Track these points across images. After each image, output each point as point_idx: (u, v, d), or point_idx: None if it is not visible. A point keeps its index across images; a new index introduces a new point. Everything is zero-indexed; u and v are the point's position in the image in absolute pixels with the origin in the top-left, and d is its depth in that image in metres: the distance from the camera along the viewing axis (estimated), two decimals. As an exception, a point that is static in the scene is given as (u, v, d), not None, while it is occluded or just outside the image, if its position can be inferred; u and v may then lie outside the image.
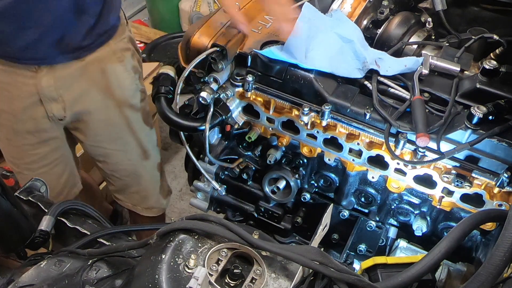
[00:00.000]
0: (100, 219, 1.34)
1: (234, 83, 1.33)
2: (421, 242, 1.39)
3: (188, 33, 1.36)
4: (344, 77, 1.29)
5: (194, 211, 1.64)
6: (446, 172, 1.24)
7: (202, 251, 0.97)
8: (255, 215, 1.59)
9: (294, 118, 1.32)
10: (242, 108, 1.39)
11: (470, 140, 1.16)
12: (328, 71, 1.28)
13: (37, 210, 1.32)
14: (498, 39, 1.35)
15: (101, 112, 1.71)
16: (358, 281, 0.88)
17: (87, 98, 1.67)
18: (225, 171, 1.55)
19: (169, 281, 0.91)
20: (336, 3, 1.49)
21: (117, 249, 1.11)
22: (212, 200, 1.62)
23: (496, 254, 0.84)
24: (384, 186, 1.37)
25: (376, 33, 1.47)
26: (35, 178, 1.45)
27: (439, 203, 1.30)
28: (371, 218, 1.47)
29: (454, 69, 1.29)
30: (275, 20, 1.34)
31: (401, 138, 1.19)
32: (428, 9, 1.56)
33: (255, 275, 0.95)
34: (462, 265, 1.28)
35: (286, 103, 1.32)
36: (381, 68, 1.28)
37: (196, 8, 3.46)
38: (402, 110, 1.22)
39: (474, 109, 1.14)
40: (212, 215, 1.05)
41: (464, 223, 0.97)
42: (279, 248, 0.94)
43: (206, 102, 1.29)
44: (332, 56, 1.29)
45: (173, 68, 1.39)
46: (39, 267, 1.09)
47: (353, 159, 1.33)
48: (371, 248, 1.46)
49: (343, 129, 1.29)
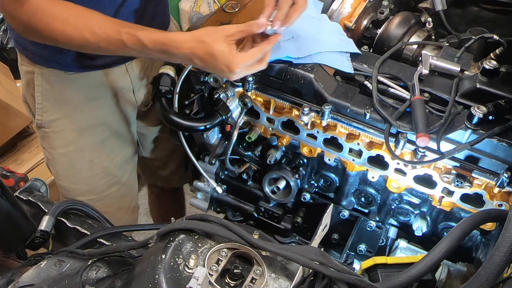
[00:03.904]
0: (100, 219, 1.34)
1: (234, 83, 1.33)
2: (421, 242, 1.39)
3: (188, 33, 1.36)
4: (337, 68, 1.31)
5: (194, 211, 1.64)
6: (446, 172, 1.24)
7: (202, 251, 0.97)
8: (255, 215, 1.59)
9: (294, 118, 1.32)
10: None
11: (470, 140, 1.16)
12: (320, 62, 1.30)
13: (37, 210, 1.32)
14: (498, 39, 1.35)
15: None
16: (358, 281, 0.88)
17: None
18: (225, 171, 1.56)
19: (169, 281, 0.91)
20: (336, 3, 1.49)
21: (117, 249, 1.11)
22: (212, 200, 1.62)
23: (496, 254, 0.84)
24: (384, 186, 1.37)
25: (376, 33, 1.47)
26: (35, 178, 1.45)
27: (439, 203, 1.30)
28: (371, 218, 1.47)
29: (454, 69, 1.29)
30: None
31: (401, 138, 1.19)
32: (428, 9, 1.56)
33: (255, 275, 0.95)
34: (462, 265, 1.28)
35: (286, 103, 1.32)
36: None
37: (196, 8, 3.46)
38: (402, 110, 1.22)
39: (474, 109, 1.14)
40: (212, 215, 1.05)
41: (464, 223, 0.97)
42: (279, 248, 0.94)
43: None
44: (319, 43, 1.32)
45: (173, 68, 1.39)
46: (39, 267, 1.09)
47: (353, 159, 1.33)
48: (371, 248, 1.46)
49: (343, 129, 1.29)
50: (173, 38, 1.16)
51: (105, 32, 1.17)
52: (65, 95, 1.47)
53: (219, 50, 1.12)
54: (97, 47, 1.19)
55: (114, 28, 1.17)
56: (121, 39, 1.16)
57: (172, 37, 1.16)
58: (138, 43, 1.16)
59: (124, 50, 1.18)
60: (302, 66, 1.28)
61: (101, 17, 1.19)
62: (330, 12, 1.48)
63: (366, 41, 1.48)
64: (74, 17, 1.17)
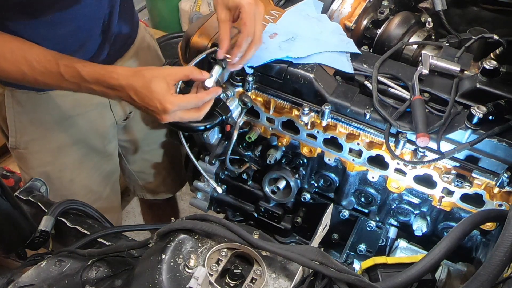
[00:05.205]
0: (100, 219, 1.33)
1: (234, 83, 1.33)
2: (421, 242, 1.39)
3: (188, 33, 1.36)
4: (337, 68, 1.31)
5: (194, 211, 1.64)
6: (446, 172, 1.24)
7: (202, 251, 0.97)
8: (255, 215, 1.59)
9: (294, 118, 1.32)
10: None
11: (470, 140, 1.16)
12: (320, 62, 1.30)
13: (37, 210, 1.32)
14: (498, 39, 1.35)
15: None
16: (358, 281, 0.88)
17: None
18: (225, 171, 1.56)
19: (169, 281, 0.91)
20: (336, 3, 1.49)
21: (117, 249, 1.11)
22: (212, 200, 1.62)
23: (496, 254, 0.84)
24: (384, 186, 1.37)
25: (376, 33, 1.47)
26: (35, 178, 1.45)
27: (439, 203, 1.30)
28: (371, 218, 1.47)
29: (454, 69, 1.29)
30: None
31: (401, 138, 1.19)
32: (428, 9, 1.56)
33: (255, 275, 0.95)
34: (462, 265, 1.28)
35: (286, 103, 1.32)
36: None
37: (196, 8, 3.46)
38: (402, 110, 1.22)
39: (474, 109, 1.14)
40: (212, 215, 1.05)
41: (464, 223, 0.97)
42: (279, 248, 0.94)
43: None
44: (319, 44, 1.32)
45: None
46: (39, 267, 1.09)
47: (353, 159, 1.33)
48: (371, 248, 1.46)
49: (343, 129, 1.29)
50: (112, 70, 1.15)
51: (43, 66, 1.14)
52: (38, 116, 1.45)
53: (156, 86, 1.10)
54: (34, 80, 1.16)
55: (53, 61, 1.14)
56: (59, 71, 1.14)
57: (112, 69, 1.16)
58: (76, 75, 1.14)
59: (62, 83, 1.16)
60: (302, 66, 1.28)
61: (39, 49, 1.17)
62: (330, 12, 1.48)
63: (366, 41, 1.48)
64: (10, 52, 1.15)
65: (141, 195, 1.97)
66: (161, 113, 1.12)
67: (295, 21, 1.37)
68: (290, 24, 1.36)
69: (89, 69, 1.15)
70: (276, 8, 1.44)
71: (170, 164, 1.89)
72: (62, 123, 1.48)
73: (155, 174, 1.88)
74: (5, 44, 1.16)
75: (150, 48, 1.65)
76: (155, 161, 1.83)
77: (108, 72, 1.14)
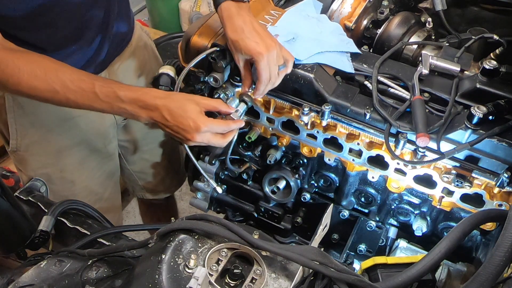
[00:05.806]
0: (100, 219, 1.33)
1: (234, 83, 1.33)
2: (421, 242, 1.39)
3: (188, 33, 1.36)
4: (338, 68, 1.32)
5: (194, 211, 1.64)
6: (446, 172, 1.24)
7: (202, 251, 0.97)
8: (255, 215, 1.59)
9: (294, 118, 1.32)
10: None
11: (470, 140, 1.16)
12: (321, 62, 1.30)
13: (37, 210, 1.32)
14: (498, 39, 1.35)
15: None
16: (358, 281, 0.88)
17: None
18: (225, 171, 1.55)
19: (169, 281, 0.91)
20: (336, 3, 1.49)
21: (117, 249, 1.11)
22: (212, 200, 1.62)
23: (496, 254, 0.84)
24: (384, 186, 1.37)
25: (376, 33, 1.47)
26: (35, 178, 1.45)
27: (439, 203, 1.30)
28: (371, 218, 1.47)
29: (454, 69, 1.29)
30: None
31: (401, 138, 1.19)
32: (428, 9, 1.56)
33: (255, 275, 0.95)
34: (462, 265, 1.28)
35: (286, 103, 1.32)
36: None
37: (196, 8, 3.46)
38: (402, 110, 1.22)
39: (474, 109, 1.14)
40: (212, 215, 1.05)
41: (464, 223, 0.97)
42: (279, 248, 0.94)
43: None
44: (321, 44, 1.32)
45: (173, 68, 1.39)
46: (39, 267, 1.09)
47: (353, 159, 1.33)
48: (371, 248, 1.46)
49: (343, 129, 1.29)
50: (147, 92, 1.19)
51: (77, 85, 1.16)
52: (39, 118, 1.45)
53: (191, 106, 1.16)
54: (65, 99, 1.18)
55: (87, 81, 1.17)
56: (95, 91, 1.16)
57: (147, 90, 1.21)
58: (112, 95, 1.16)
59: (95, 103, 1.18)
60: (302, 66, 1.28)
61: (72, 69, 1.19)
62: (330, 12, 1.48)
63: (366, 41, 1.48)
64: (42, 70, 1.16)
65: (141, 195, 1.97)
66: (193, 131, 1.16)
67: (295, 21, 1.37)
68: (290, 24, 1.36)
69: (125, 89, 1.18)
70: (276, 8, 1.44)
71: (169, 162, 1.90)
72: (62, 125, 1.48)
73: (154, 173, 1.88)
74: (35, 63, 1.16)
75: (147, 46, 1.66)
76: (154, 160, 1.84)
77: (144, 93, 1.18)
